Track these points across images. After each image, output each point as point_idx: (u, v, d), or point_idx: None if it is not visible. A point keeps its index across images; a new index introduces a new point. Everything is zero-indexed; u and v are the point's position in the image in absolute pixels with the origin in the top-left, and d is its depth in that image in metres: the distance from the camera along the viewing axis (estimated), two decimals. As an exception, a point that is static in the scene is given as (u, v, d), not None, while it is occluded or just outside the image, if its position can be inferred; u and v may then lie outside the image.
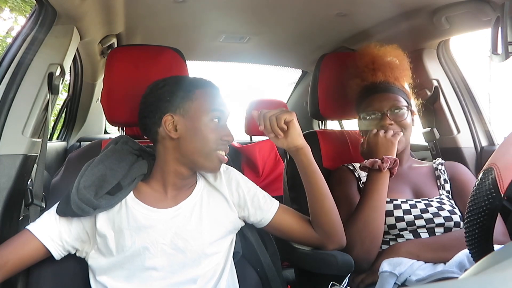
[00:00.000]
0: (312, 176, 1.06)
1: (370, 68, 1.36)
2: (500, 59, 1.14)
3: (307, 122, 2.92)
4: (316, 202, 1.07)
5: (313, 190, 1.07)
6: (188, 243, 0.98)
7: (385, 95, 1.30)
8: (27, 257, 0.93)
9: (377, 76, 1.34)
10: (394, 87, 1.33)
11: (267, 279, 1.11)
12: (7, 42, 5.25)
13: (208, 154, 0.98)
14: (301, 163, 1.06)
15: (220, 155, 1.00)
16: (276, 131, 1.02)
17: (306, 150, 1.05)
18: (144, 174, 1.03)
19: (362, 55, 1.40)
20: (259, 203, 1.07)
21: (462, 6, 1.36)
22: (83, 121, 2.44)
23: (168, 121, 0.98)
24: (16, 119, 1.13)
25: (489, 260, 0.43)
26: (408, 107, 1.31)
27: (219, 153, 0.99)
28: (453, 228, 1.19)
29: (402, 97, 1.31)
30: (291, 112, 1.03)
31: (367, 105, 1.33)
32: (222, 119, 1.02)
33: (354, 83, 1.41)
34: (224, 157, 1.01)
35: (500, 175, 0.56)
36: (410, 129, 1.31)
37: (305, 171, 1.07)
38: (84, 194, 0.93)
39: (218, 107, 1.01)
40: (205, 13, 1.64)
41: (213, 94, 1.03)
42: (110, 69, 1.24)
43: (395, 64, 1.36)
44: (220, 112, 1.01)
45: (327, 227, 1.07)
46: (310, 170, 1.06)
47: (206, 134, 0.98)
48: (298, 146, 1.04)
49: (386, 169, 1.17)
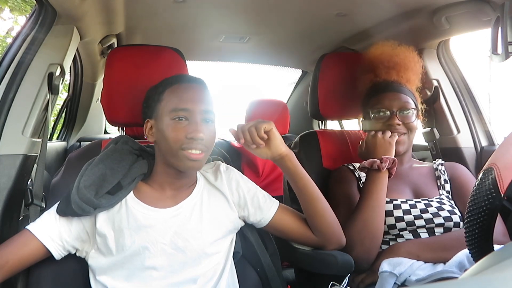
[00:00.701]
0: (300, 181, 1.06)
1: (385, 65, 1.35)
2: (500, 59, 1.13)
3: (307, 122, 2.92)
4: (308, 206, 1.07)
5: (303, 195, 1.07)
6: (188, 242, 0.98)
7: (396, 94, 1.29)
8: (27, 257, 0.93)
9: (390, 74, 1.33)
10: (405, 88, 1.32)
11: (267, 279, 1.11)
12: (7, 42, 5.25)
13: (175, 154, 0.96)
14: (287, 170, 1.06)
15: (188, 154, 0.95)
16: (257, 142, 1.00)
17: (291, 156, 1.05)
18: (144, 174, 1.03)
19: (378, 52, 1.39)
20: (259, 203, 1.07)
21: (462, 6, 1.36)
22: (83, 121, 2.44)
23: (148, 126, 1.03)
24: (16, 119, 1.13)
25: (489, 260, 0.43)
26: (416, 110, 1.31)
27: (188, 151, 0.95)
28: (453, 228, 1.19)
29: (411, 99, 1.31)
30: (269, 121, 1.02)
31: (376, 102, 1.31)
32: (190, 117, 0.97)
33: (366, 78, 1.40)
34: (194, 155, 0.95)
35: (500, 175, 0.56)
36: (415, 132, 1.31)
37: (293, 177, 1.06)
38: (84, 194, 0.93)
39: (180, 106, 0.97)
40: (205, 13, 1.64)
41: (179, 92, 1.00)
42: (110, 69, 1.24)
43: (409, 66, 1.35)
44: (184, 111, 0.97)
45: (323, 229, 1.07)
46: (297, 175, 1.06)
47: (168, 134, 0.96)
48: (281, 154, 1.03)
49: (385, 169, 1.18)
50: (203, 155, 0.97)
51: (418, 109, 1.34)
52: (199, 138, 0.94)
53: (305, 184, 1.06)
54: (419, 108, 1.35)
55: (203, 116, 0.98)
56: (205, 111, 0.98)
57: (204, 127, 0.97)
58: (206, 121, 0.98)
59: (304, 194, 1.07)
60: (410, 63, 1.36)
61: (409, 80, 1.35)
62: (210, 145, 1.00)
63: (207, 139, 0.97)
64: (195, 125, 0.96)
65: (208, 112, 0.99)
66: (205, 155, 0.98)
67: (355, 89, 1.48)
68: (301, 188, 1.06)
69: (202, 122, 0.98)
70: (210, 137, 0.98)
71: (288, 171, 1.06)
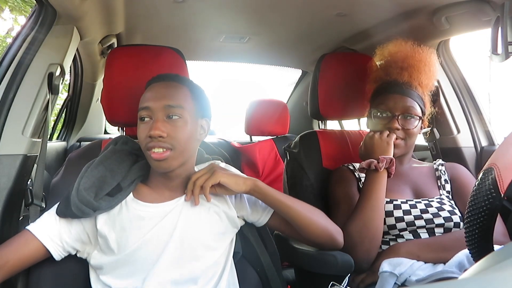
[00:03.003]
0: (275, 204, 1.02)
1: (398, 65, 1.30)
2: (500, 59, 1.13)
3: (307, 122, 2.92)
4: (292, 222, 1.04)
5: (283, 215, 1.04)
6: (188, 240, 0.98)
7: (403, 97, 1.26)
8: (27, 257, 0.93)
9: (402, 75, 1.28)
10: (414, 92, 1.28)
11: (267, 279, 1.11)
12: (7, 42, 5.24)
13: (146, 155, 0.97)
14: (260, 198, 1.02)
15: (151, 153, 0.93)
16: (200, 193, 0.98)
17: (256, 188, 1.00)
18: (144, 175, 1.03)
19: (394, 50, 1.34)
20: (258, 202, 1.07)
21: (462, 6, 1.36)
22: (83, 121, 2.44)
23: None
24: (16, 119, 1.13)
25: (489, 260, 0.43)
26: (421, 118, 1.28)
27: (151, 151, 0.93)
28: (453, 229, 1.19)
29: (418, 104, 1.27)
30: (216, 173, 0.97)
31: (380, 101, 1.29)
32: (152, 116, 0.95)
33: (376, 75, 1.37)
34: (156, 154, 0.93)
35: (500, 175, 0.56)
36: (415, 137, 1.29)
37: (266, 202, 1.03)
38: (84, 196, 0.93)
39: (142, 105, 0.97)
40: (205, 13, 1.64)
41: (146, 91, 1.00)
42: (110, 69, 1.24)
43: (424, 69, 1.29)
44: (145, 110, 0.96)
45: (312, 239, 1.06)
46: (269, 202, 1.03)
47: (138, 135, 0.97)
48: (245, 191, 1.00)
49: (383, 169, 1.17)
50: (168, 153, 0.93)
51: (424, 115, 1.31)
52: (157, 136, 0.91)
53: (280, 207, 1.02)
54: (426, 114, 1.32)
55: (165, 113, 0.95)
56: (167, 107, 0.95)
57: (166, 123, 0.94)
58: (169, 117, 0.95)
59: (284, 214, 1.03)
60: (425, 66, 1.29)
61: (421, 83, 1.29)
62: (178, 142, 0.94)
63: (172, 135, 0.93)
64: (154, 123, 0.93)
65: (172, 107, 0.95)
66: (172, 153, 0.94)
67: (355, 89, 1.48)
68: (279, 209, 1.03)
69: (166, 119, 0.94)
70: (175, 133, 0.94)
71: (260, 199, 1.03)
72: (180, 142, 0.95)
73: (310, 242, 1.09)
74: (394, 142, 1.24)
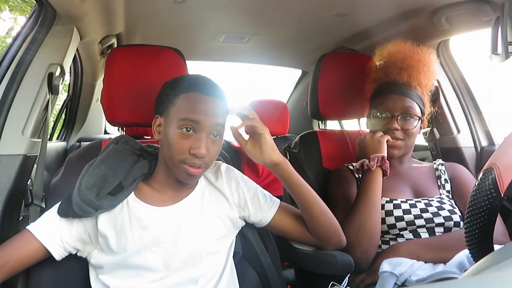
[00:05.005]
0: (295, 188, 1.04)
1: (397, 66, 1.30)
2: (500, 59, 1.13)
3: (307, 122, 2.93)
4: (304, 211, 1.06)
5: (298, 200, 1.05)
6: (190, 241, 0.98)
7: (402, 98, 1.26)
8: (27, 257, 0.93)
9: (401, 75, 1.28)
10: (414, 92, 1.28)
11: (267, 279, 1.11)
12: (7, 42, 5.24)
13: (176, 165, 0.94)
14: (281, 177, 1.04)
15: (187, 168, 0.93)
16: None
17: (284, 164, 1.01)
18: (146, 174, 1.03)
19: (394, 50, 1.34)
20: (259, 202, 1.07)
21: (462, 6, 1.36)
22: (83, 121, 2.44)
23: (156, 122, 1.00)
24: (16, 119, 1.13)
25: (489, 260, 0.43)
26: (420, 118, 1.28)
27: (188, 166, 0.92)
28: (453, 228, 1.19)
29: (418, 104, 1.27)
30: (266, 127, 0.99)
31: (380, 102, 1.29)
32: (198, 130, 0.93)
33: (376, 75, 1.37)
34: (193, 170, 0.93)
35: (500, 175, 0.56)
36: (415, 137, 1.30)
37: (287, 184, 1.04)
38: (85, 195, 0.93)
39: (191, 117, 0.92)
40: (205, 13, 1.64)
41: (194, 101, 0.94)
42: (110, 69, 1.24)
43: (423, 69, 1.29)
44: (194, 122, 0.92)
45: (320, 232, 1.06)
46: (291, 183, 1.04)
47: (173, 143, 0.93)
48: (273, 162, 1.00)
49: (375, 167, 1.18)
50: (202, 170, 0.95)
51: (424, 116, 1.31)
52: (202, 156, 0.92)
53: (300, 191, 1.04)
54: (425, 114, 1.32)
55: (211, 130, 0.94)
56: (215, 125, 0.94)
57: (210, 143, 0.94)
58: (213, 136, 0.95)
59: (299, 199, 1.05)
60: (424, 66, 1.29)
61: (420, 83, 1.30)
62: (212, 161, 0.97)
63: (210, 156, 0.95)
64: (200, 141, 0.92)
65: (218, 125, 0.95)
66: (204, 170, 0.96)
67: (355, 89, 1.48)
68: (296, 194, 1.05)
69: (210, 137, 0.94)
70: (213, 154, 0.96)
71: (282, 178, 1.04)
72: (212, 160, 0.98)
73: (317, 236, 1.07)
74: (393, 143, 1.25)
